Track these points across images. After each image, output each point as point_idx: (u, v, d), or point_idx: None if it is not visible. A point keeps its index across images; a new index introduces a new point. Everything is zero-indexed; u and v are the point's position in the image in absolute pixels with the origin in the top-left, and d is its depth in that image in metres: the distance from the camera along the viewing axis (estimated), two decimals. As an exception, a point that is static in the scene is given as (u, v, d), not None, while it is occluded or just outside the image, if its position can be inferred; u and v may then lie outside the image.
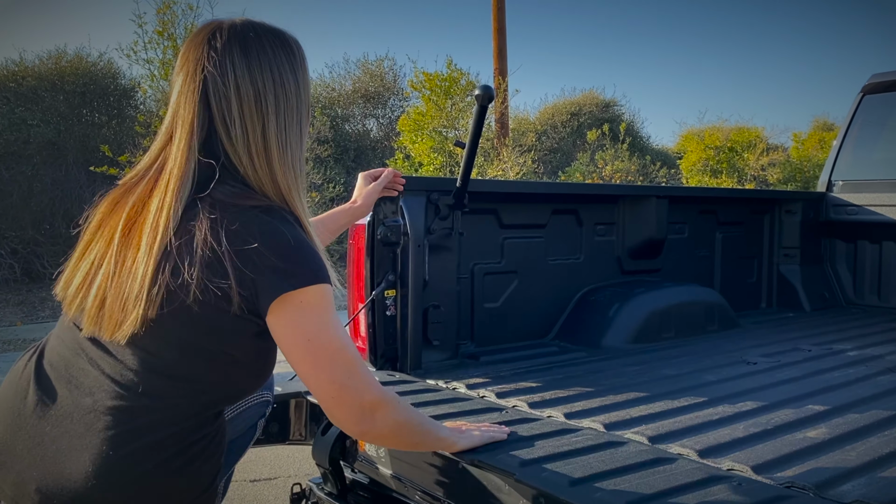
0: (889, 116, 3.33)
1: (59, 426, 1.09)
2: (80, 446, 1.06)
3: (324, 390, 1.14)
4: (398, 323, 1.98)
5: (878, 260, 3.22)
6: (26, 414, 1.12)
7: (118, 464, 1.06)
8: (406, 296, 1.97)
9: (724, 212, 3.05)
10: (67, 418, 1.09)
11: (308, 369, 1.13)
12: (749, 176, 14.90)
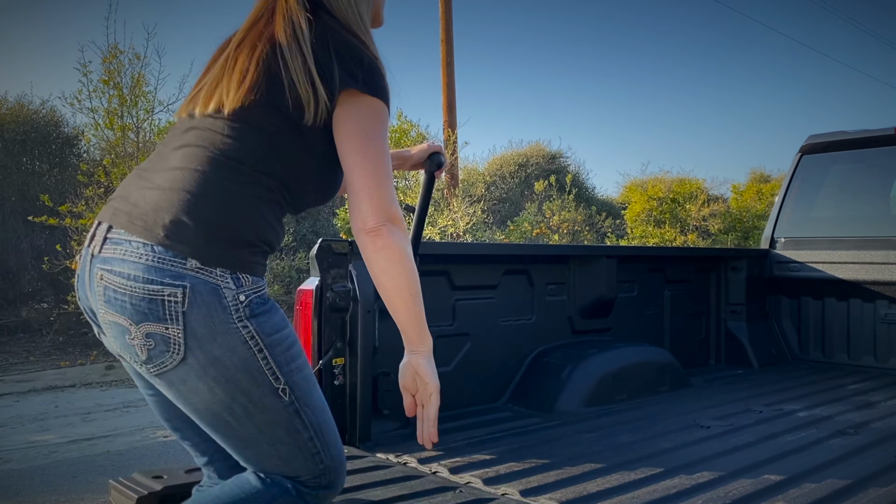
0: (826, 176, 3.44)
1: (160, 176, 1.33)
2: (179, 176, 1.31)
3: (363, 179, 1.29)
4: (347, 392, 1.91)
5: (822, 316, 3.29)
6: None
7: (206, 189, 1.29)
8: (355, 364, 1.91)
9: (672, 270, 3.09)
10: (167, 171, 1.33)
11: (357, 158, 1.29)
12: (691, 226, 15.28)
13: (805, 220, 3.42)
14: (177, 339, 1.25)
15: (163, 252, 1.26)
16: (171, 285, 1.24)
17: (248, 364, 1.27)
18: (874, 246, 3.14)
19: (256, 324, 1.27)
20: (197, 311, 1.25)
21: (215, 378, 1.26)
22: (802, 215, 3.43)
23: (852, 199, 3.40)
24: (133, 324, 1.26)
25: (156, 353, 1.26)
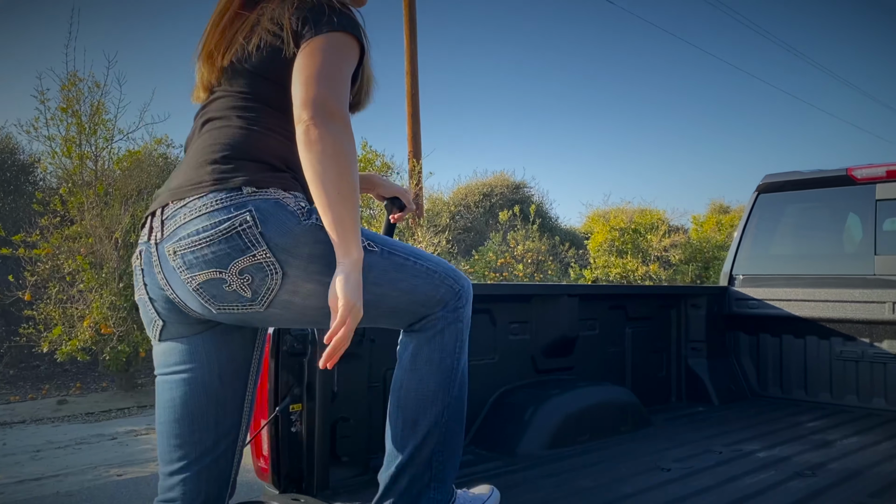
0: (782, 214, 3.51)
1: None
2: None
3: (305, 78, 1.36)
4: (304, 439, 1.87)
5: (780, 353, 3.33)
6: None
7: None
8: (313, 409, 1.87)
9: (633, 307, 3.10)
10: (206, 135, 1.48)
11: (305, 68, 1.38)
12: (653, 256, 15.48)
13: (762, 258, 3.48)
14: (268, 259, 1.34)
15: (217, 195, 1.36)
16: (238, 214, 1.33)
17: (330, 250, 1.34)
18: (829, 284, 3.21)
19: (318, 218, 1.36)
20: (271, 225, 1.34)
21: (320, 271, 1.35)
22: (760, 253, 3.49)
23: (807, 237, 3.47)
24: (223, 269, 1.34)
25: (258, 284, 1.35)
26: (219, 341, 1.49)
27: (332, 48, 1.41)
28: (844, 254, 3.31)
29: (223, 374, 1.49)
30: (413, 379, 1.55)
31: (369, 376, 2.07)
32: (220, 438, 1.49)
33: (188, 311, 1.44)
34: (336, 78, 1.39)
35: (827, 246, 3.38)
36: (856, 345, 3.12)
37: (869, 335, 3.09)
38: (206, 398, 1.47)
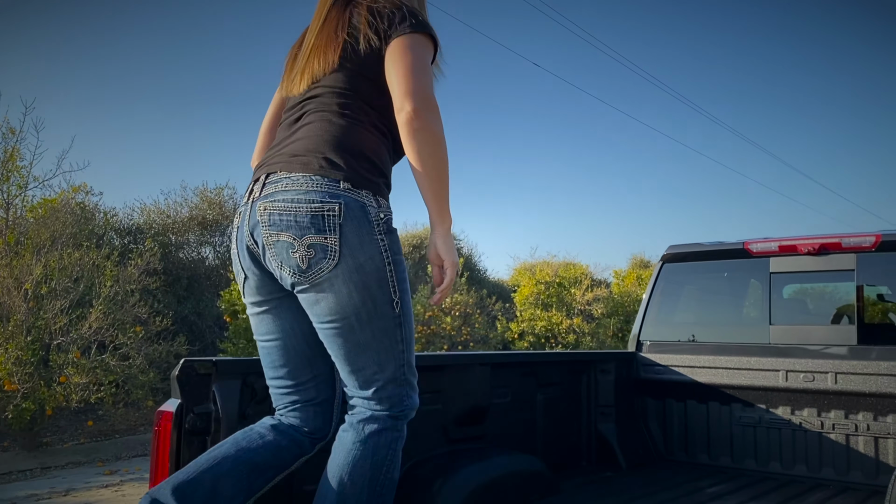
0: (685, 283, 3.69)
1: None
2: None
3: (400, 75, 1.65)
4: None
5: (684, 417, 3.46)
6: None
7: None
8: (215, 489, 1.84)
9: (545, 373, 3.18)
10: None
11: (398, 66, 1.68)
12: (576, 310, 15.81)
13: (668, 325, 3.63)
14: (334, 246, 1.59)
15: (320, 179, 1.61)
16: (330, 202, 1.59)
17: (380, 273, 1.63)
18: (728, 352, 3.37)
19: (389, 240, 1.65)
20: (350, 223, 1.60)
21: (356, 283, 1.60)
22: (665, 319, 3.65)
23: (709, 306, 3.65)
24: (297, 238, 1.61)
25: (315, 261, 1.60)
26: (299, 313, 1.76)
27: (420, 45, 1.69)
28: (743, 322, 3.50)
29: (308, 339, 1.79)
30: (342, 478, 1.69)
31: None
32: (318, 383, 1.83)
33: (264, 263, 1.70)
34: (427, 71, 1.66)
35: (727, 314, 3.56)
36: (753, 410, 3.27)
37: (765, 401, 3.25)
38: (298, 358, 1.81)
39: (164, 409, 1.86)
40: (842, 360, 3.07)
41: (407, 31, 1.69)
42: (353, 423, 1.73)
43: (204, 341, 11.58)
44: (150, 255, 9.11)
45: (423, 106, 1.59)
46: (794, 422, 3.17)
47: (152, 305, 9.15)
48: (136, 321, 8.55)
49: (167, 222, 13.10)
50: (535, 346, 15.05)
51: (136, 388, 8.20)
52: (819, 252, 3.23)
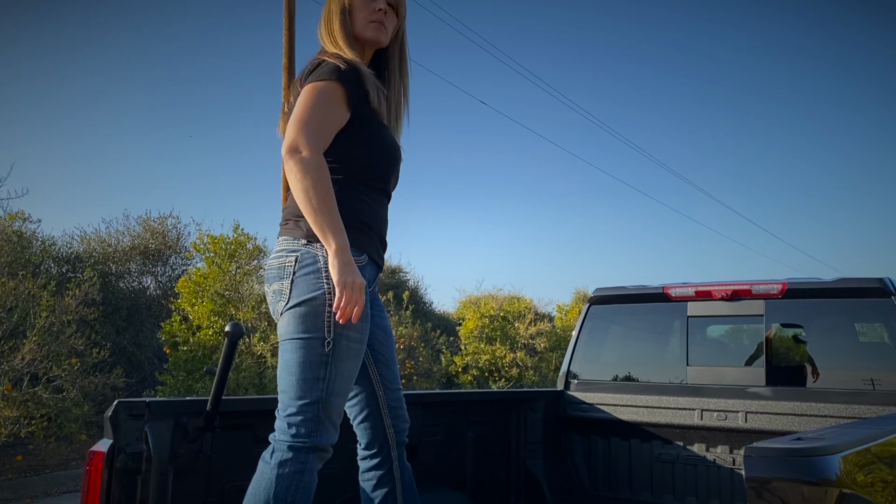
0: (610, 324, 3.87)
1: None
2: None
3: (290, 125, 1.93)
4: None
5: (608, 454, 3.62)
6: None
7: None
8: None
9: (475, 412, 3.31)
10: None
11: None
12: (520, 344, 16.01)
13: (594, 364, 3.80)
14: (287, 290, 1.92)
15: (286, 238, 1.99)
16: (289, 256, 1.95)
17: (318, 313, 1.88)
18: (649, 391, 3.55)
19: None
20: (301, 271, 1.91)
21: (297, 316, 1.88)
22: (592, 359, 3.82)
23: (632, 347, 3.84)
24: (269, 285, 2.01)
25: (275, 302, 1.95)
26: None
27: (309, 95, 1.94)
28: (663, 363, 3.69)
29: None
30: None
31: (206, 490, 2.12)
32: (359, 401, 2.17)
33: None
34: (306, 119, 1.92)
35: (649, 355, 3.75)
36: (672, 447, 3.45)
37: (682, 439, 3.43)
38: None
39: (95, 450, 1.92)
40: (752, 400, 3.28)
41: (307, 83, 1.97)
42: (264, 455, 1.94)
43: (143, 372, 11.36)
44: (89, 286, 8.96)
45: (289, 153, 1.88)
46: (709, 458, 3.35)
47: (89, 336, 8.98)
48: (72, 353, 8.38)
49: (108, 251, 12.88)
50: (478, 380, 15.16)
51: (69, 422, 8.02)
52: (732, 298, 3.46)
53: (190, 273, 11.15)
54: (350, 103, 1.99)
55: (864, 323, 3.37)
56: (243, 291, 10.76)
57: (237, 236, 11.04)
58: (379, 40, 2.15)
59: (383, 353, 2.22)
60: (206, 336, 10.12)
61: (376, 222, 2.10)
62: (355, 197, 2.03)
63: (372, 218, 2.07)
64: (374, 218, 2.09)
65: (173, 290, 12.79)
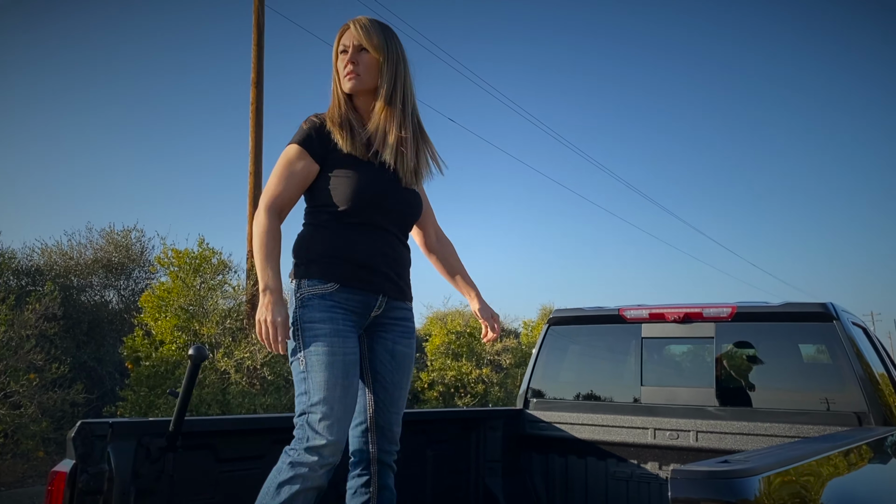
0: (568, 346, 3.98)
1: None
2: None
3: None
4: (93, 578, 1.93)
5: (565, 472, 3.71)
6: None
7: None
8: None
9: (435, 431, 3.38)
10: None
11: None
12: (486, 360, 16.09)
13: (552, 384, 3.90)
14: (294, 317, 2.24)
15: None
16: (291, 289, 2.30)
17: (294, 336, 2.19)
18: (605, 410, 3.66)
19: (301, 312, 2.20)
20: (291, 302, 2.25)
21: (292, 335, 2.21)
22: (551, 378, 3.92)
23: (589, 366, 3.95)
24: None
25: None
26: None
27: (278, 160, 2.30)
28: (618, 382, 3.80)
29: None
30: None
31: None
32: (356, 419, 2.37)
33: None
34: (268, 181, 2.29)
35: (605, 375, 3.86)
36: (626, 466, 3.55)
37: (637, 457, 3.54)
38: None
39: (57, 470, 1.95)
40: (703, 420, 3.40)
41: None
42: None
43: (103, 388, 11.20)
44: (50, 300, 8.84)
45: (258, 211, 2.27)
46: (661, 476, 3.46)
47: (49, 351, 8.85)
48: (31, 368, 8.25)
49: (69, 264, 12.71)
50: (444, 396, 15.19)
51: (26, 439, 7.89)
52: (684, 320, 3.58)
53: (153, 287, 11.05)
54: (314, 156, 2.28)
55: (808, 345, 3.52)
56: (208, 306, 10.70)
57: (202, 251, 10.98)
58: (356, 89, 2.35)
59: (385, 376, 2.40)
60: (169, 351, 10.03)
61: (353, 252, 2.27)
62: (328, 232, 2.29)
63: (347, 249, 2.27)
64: (351, 249, 2.27)
65: (136, 305, 12.66)
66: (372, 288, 2.30)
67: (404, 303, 2.45)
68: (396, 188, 2.36)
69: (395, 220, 2.38)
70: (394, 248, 2.38)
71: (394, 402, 2.40)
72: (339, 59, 2.38)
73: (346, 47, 2.34)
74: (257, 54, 12.00)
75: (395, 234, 2.39)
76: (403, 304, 2.44)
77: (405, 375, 2.45)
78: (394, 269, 2.38)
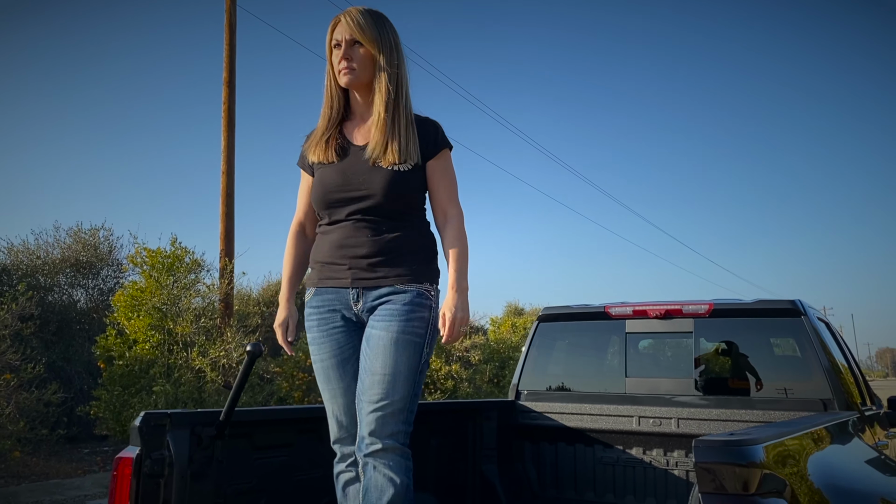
0: (557, 340, 4.25)
1: None
2: None
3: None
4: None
5: (555, 458, 3.98)
6: None
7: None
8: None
9: (436, 421, 3.61)
10: None
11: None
12: (455, 357, 16.35)
13: (543, 376, 4.16)
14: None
15: None
16: None
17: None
18: (592, 400, 3.93)
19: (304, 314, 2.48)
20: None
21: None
22: (541, 371, 4.18)
23: (577, 360, 4.22)
24: None
25: None
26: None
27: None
28: (604, 375, 4.08)
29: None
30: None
31: (216, 490, 2.36)
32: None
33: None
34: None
35: (591, 367, 4.14)
36: (612, 451, 3.83)
37: (622, 443, 3.82)
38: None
39: (123, 456, 2.13)
40: (683, 408, 3.69)
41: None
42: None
43: (73, 388, 11.15)
44: (26, 300, 8.82)
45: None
46: (646, 460, 3.75)
47: (24, 352, 8.83)
48: (6, 368, 8.24)
49: (36, 263, 12.60)
50: (413, 392, 15.40)
51: (3, 438, 7.88)
52: (665, 316, 3.88)
53: (125, 286, 11.04)
54: (308, 172, 2.51)
55: (778, 338, 3.85)
56: (181, 305, 10.74)
57: (174, 250, 11.01)
58: (352, 84, 2.34)
59: (362, 364, 2.30)
60: (142, 350, 10.07)
61: (318, 254, 2.46)
62: (315, 242, 2.52)
63: (316, 253, 2.48)
64: (318, 251, 2.46)
65: (105, 304, 12.61)
66: (342, 283, 2.34)
67: (392, 287, 2.30)
68: (354, 175, 2.32)
69: (355, 208, 2.32)
70: (358, 237, 2.32)
71: (364, 389, 2.26)
72: (332, 53, 2.35)
73: (339, 42, 2.30)
74: (229, 53, 12.04)
75: (363, 221, 2.32)
76: (390, 287, 2.30)
77: (377, 359, 2.24)
78: (364, 258, 2.31)
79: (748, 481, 1.54)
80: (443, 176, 2.40)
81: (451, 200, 2.41)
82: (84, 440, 10.66)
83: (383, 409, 2.21)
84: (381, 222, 2.32)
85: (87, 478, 8.32)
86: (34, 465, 8.61)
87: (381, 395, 2.21)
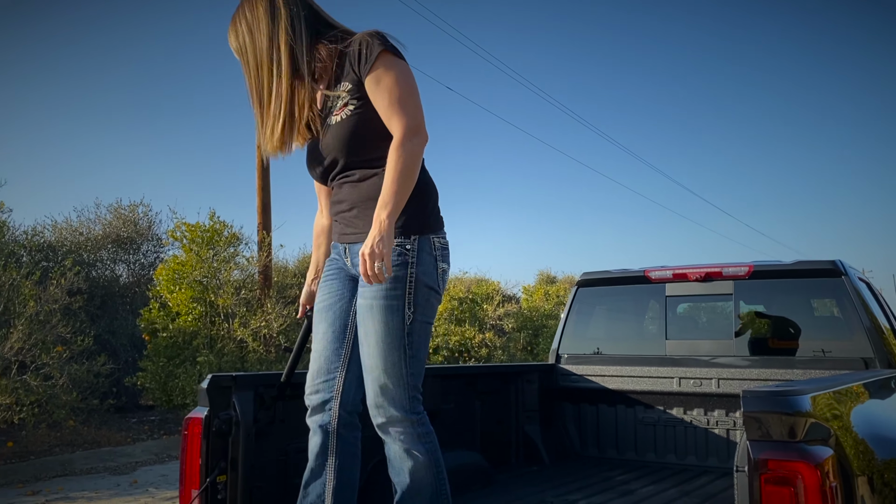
0: (596, 304, 4.31)
1: None
2: None
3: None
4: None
5: (596, 419, 4.07)
6: None
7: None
8: (236, 479, 2.27)
9: (482, 383, 3.71)
10: None
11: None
12: (489, 325, 16.48)
13: (582, 340, 4.24)
14: None
15: None
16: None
17: None
18: (632, 363, 4.00)
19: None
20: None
21: None
22: (580, 335, 4.25)
23: (615, 324, 4.29)
24: None
25: None
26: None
27: None
28: (644, 338, 4.14)
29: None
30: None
31: (277, 450, 2.49)
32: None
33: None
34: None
35: (631, 331, 4.20)
36: (653, 412, 3.91)
37: (663, 404, 3.89)
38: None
39: (192, 416, 2.26)
40: (723, 368, 3.75)
41: None
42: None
43: (119, 360, 11.51)
44: (74, 275, 9.10)
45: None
46: (686, 420, 3.82)
47: (74, 325, 9.14)
48: (58, 340, 8.54)
49: (80, 240, 12.93)
50: (448, 361, 15.61)
51: (58, 408, 8.20)
52: (704, 279, 3.91)
53: (167, 261, 11.30)
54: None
55: (818, 299, 3.87)
56: (222, 278, 10.98)
57: (213, 224, 11.23)
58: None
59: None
60: (185, 322, 10.35)
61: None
62: None
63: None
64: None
65: (146, 278, 12.91)
66: (336, 239, 2.32)
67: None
68: (318, 142, 2.24)
69: (325, 170, 2.26)
70: (340, 193, 2.25)
71: (362, 360, 2.16)
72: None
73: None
74: (260, 28, 12.09)
75: (342, 178, 2.24)
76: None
77: (361, 327, 2.12)
78: (347, 212, 2.23)
79: (794, 428, 1.61)
80: (376, 89, 2.09)
81: (393, 113, 2.06)
82: (131, 410, 11.04)
83: (377, 379, 2.09)
84: (354, 173, 2.20)
85: (137, 445, 8.65)
86: (86, 433, 8.96)
87: (371, 364, 2.10)
